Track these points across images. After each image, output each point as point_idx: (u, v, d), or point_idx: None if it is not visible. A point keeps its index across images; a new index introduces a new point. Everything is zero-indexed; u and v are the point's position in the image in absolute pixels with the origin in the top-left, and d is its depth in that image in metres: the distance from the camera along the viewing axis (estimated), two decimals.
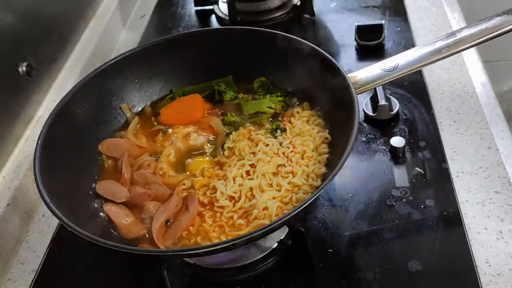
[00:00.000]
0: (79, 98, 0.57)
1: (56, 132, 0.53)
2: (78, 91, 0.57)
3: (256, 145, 0.56)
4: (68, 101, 0.56)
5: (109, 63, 0.61)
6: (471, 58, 0.73)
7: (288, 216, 0.43)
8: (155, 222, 0.50)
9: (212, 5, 0.93)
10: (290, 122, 0.59)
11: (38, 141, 0.51)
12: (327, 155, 0.54)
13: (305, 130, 0.57)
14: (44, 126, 0.53)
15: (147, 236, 0.50)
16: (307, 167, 0.53)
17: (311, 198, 0.44)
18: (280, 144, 0.56)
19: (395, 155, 0.61)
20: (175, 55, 0.64)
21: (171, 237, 0.49)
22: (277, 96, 0.61)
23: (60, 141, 0.54)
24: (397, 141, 0.61)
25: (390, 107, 0.65)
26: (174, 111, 0.62)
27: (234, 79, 0.65)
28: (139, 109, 0.64)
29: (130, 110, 0.63)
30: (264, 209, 0.50)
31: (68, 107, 0.56)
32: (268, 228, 0.43)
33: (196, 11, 0.95)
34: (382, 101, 0.65)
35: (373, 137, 0.64)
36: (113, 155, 0.58)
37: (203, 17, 0.94)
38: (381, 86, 0.65)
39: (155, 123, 0.62)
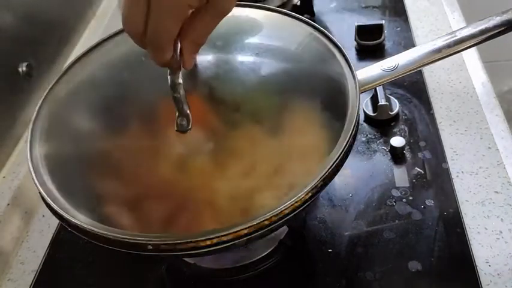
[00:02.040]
0: None
1: None
2: None
3: (256, 145, 0.56)
4: None
5: None
6: (471, 58, 0.73)
7: (288, 216, 0.43)
8: None
9: None
10: (290, 120, 0.59)
11: None
12: (327, 155, 0.54)
13: (305, 129, 0.57)
14: None
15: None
16: (307, 166, 0.53)
17: (311, 198, 0.44)
18: (280, 144, 0.56)
19: (396, 155, 0.61)
20: None
21: None
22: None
23: None
24: (397, 141, 0.61)
25: (390, 107, 0.66)
26: None
27: None
28: None
29: None
30: (263, 209, 0.50)
31: None
32: (268, 228, 0.43)
33: None
34: (382, 101, 0.65)
35: (373, 137, 0.64)
36: None
37: None
38: (381, 86, 0.65)
39: None
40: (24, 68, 0.67)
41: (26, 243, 0.60)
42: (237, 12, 0.55)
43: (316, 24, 0.53)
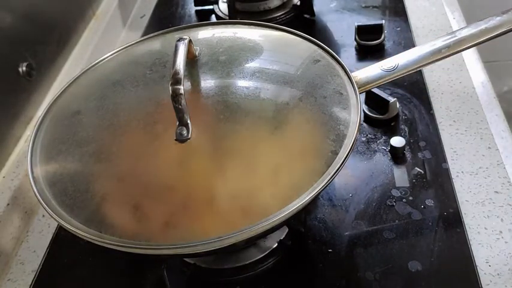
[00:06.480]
0: None
1: None
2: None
3: (256, 144, 0.56)
4: None
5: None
6: (471, 58, 0.73)
7: (288, 216, 0.43)
8: None
9: (212, 5, 0.93)
10: (290, 120, 0.59)
11: None
12: (327, 155, 0.54)
13: (305, 129, 0.57)
14: None
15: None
16: (307, 166, 0.53)
17: (311, 198, 0.44)
18: (280, 144, 0.56)
19: (396, 155, 0.61)
20: None
21: None
22: None
23: None
24: (397, 141, 0.61)
25: None
26: None
27: None
28: None
29: None
30: (263, 209, 0.50)
31: None
32: (268, 228, 0.43)
33: (196, 11, 0.95)
34: None
35: (373, 137, 0.64)
36: None
37: (203, 17, 0.94)
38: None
39: None
40: (24, 68, 0.67)
41: (26, 243, 0.60)
42: (239, 30, 0.56)
43: (309, 36, 0.57)
